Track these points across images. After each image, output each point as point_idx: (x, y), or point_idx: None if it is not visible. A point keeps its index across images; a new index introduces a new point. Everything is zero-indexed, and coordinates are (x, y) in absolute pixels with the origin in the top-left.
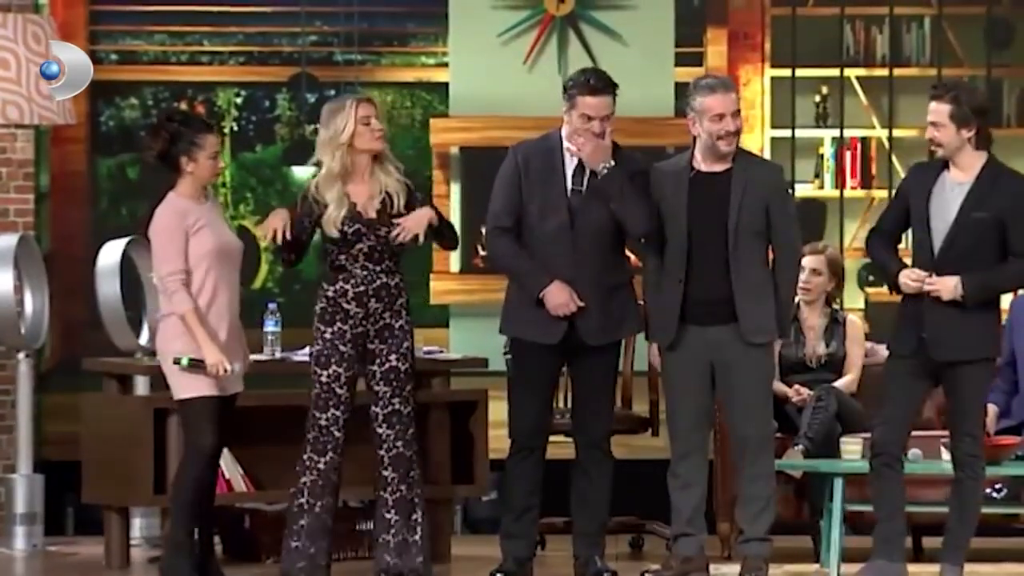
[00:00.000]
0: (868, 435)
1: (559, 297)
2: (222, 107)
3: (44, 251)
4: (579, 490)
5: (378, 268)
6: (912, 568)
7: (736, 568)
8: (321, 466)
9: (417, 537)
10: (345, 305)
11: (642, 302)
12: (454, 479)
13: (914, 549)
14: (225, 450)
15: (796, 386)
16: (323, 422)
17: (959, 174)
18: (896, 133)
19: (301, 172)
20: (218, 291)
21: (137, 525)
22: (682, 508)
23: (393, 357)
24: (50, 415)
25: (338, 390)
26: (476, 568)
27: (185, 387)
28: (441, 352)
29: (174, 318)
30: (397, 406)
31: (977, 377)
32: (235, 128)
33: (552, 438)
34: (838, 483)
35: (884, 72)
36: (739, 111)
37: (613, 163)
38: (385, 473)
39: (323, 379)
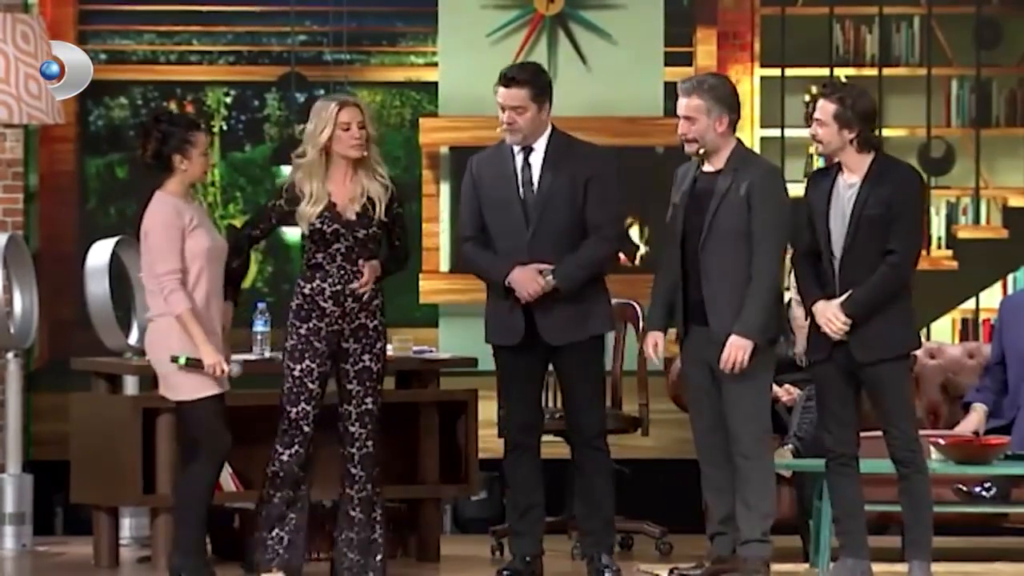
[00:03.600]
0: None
1: (522, 274)
2: (211, 107)
3: (33, 250)
4: (580, 490)
5: (354, 269)
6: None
7: None
8: (284, 458)
9: (377, 535)
10: (322, 303)
11: (632, 302)
12: (443, 479)
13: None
14: None
15: (786, 386)
16: (293, 415)
17: (849, 175)
18: (885, 133)
19: (287, 171)
20: (211, 292)
21: (126, 525)
22: (713, 509)
23: (366, 357)
24: (39, 415)
25: (309, 384)
26: (466, 568)
27: (190, 388)
28: (431, 352)
29: (166, 319)
30: (369, 405)
31: (897, 373)
32: (224, 128)
33: (548, 438)
34: (827, 483)
35: (873, 72)
36: (692, 118)
37: (551, 278)
38: (354, 471)
39: (295, 373)
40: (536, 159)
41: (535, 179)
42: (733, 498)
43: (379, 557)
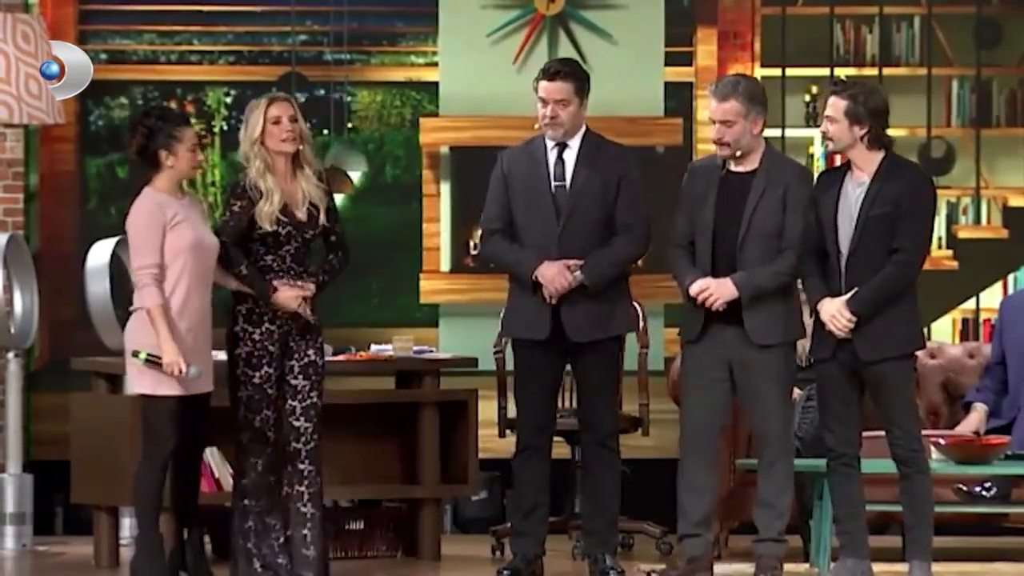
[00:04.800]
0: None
1: (551, 269)
2: (212, 106)
3: (33, 250)
4: (587, 489)
5: (301, 268)
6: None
7: (726, 568)
8: (259, 468)
9: (321, 531)
10: None
11: (635, 303)
12: (443, 479)
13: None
14: (214, 449)
15: None
16: (257, 424)
17: (859, 173)
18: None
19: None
20: (193, 288)
21: (126, 525)
22: (690, 510)
23: (311, 352)
24: (39, 415)
25: (269, 391)
26: (466, 567)
27: (150, 384)
28: (431, 351)
29: (143, 312)
30: (314, 399)
31: (900, 372)
32: (225, 127)
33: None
34: (828, 483)
35: (874, 72)
36: (729, 121)
37: (579, 273)
38: (302, 467)
39: (255, 381)
40: (570, 156)
41: (568, 175)
42: (710, 500)
43: (321, 550)
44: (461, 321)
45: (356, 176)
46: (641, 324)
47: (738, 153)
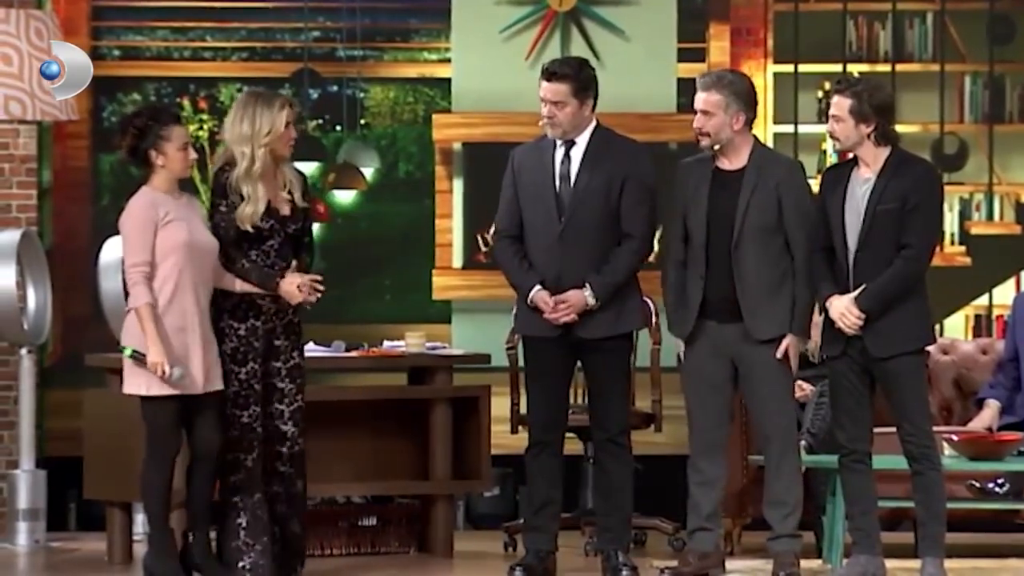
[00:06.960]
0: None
1: (549, 315)
2: (225, 103)
3: (47, 247)
4: (598, 486)
5: (284, 264)
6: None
7: (739, 563)
8: (249, 463)
9: (301, 530)
10: (259, 301)
11: (647, 299)
12: (456, 475)
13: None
14: None
15: (799, 382)
16: (245, 419)
17: (865, 169)
18: (898, 128)
19: (301, 167)
20: (183, 288)
21: (139, 521)
22: (702, 504)
23: (296, 354)
24: (52, 411)
25: (256, 386)
26: (479, 564)
27: (144, 385)
28: (444, 348)
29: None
30: (300, 402)
31: (912, 368)
32: None
33: None
34: (840, 479)
35: (887, 68)
36: (709, 112)
37: (593, 301)
38: (283, 469)
39: (242, 376)
40: (576, 154)
41: (573, 174)
42: (720, 494)
43: (302, 552)
44: (473, 317)
45: (369, 172)
46: (653, 320)
47: (717, 146)
